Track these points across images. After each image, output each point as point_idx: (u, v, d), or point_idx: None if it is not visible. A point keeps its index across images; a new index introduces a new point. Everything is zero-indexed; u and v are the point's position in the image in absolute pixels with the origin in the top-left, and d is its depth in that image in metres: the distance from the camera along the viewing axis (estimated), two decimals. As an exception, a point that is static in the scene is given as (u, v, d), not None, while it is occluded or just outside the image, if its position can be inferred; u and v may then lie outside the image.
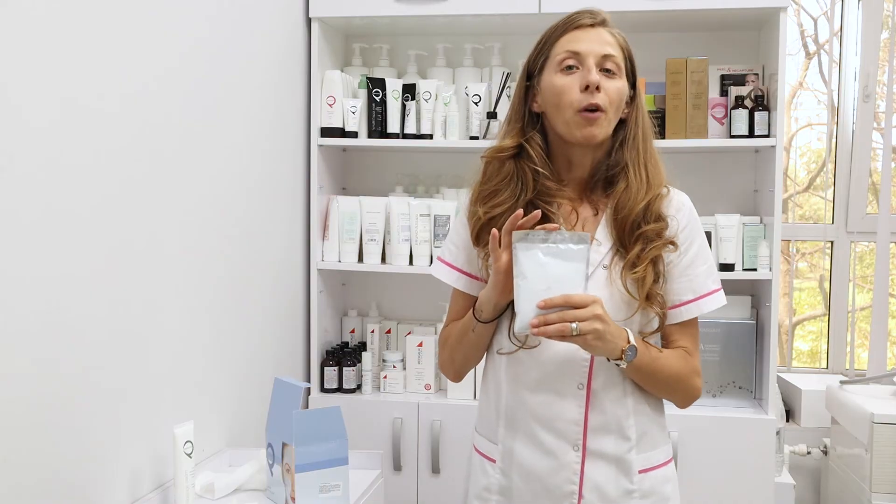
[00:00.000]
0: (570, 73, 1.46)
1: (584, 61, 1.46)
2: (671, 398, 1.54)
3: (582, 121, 1.45)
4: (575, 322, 1.32)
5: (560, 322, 1.32)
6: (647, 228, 1.46)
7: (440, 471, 2.57)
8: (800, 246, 3.30)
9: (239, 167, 2.19)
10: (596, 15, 1.50)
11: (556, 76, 1.47)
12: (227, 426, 2.14)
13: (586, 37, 1.48)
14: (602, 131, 1.47)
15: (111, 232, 1.62)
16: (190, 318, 1.93)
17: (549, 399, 1.47)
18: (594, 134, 1.46)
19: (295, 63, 2.58)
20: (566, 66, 1.47)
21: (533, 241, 1.36)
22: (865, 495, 2.50)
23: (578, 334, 1.32)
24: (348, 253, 2.68)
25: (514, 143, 1.52)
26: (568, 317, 1.32)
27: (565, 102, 1.45)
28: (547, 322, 1.32)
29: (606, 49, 1.47)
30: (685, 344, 1.53)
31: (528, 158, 1.51)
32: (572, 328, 1.32)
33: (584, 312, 1.33)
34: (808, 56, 3.28)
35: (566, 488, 1.47)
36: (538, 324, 1.32)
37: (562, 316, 1.32)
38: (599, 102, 1.44)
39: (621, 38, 1.52)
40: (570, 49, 1.47)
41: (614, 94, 1.46)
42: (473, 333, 1.52)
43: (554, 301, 1.33)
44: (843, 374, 3.06)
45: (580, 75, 1.45)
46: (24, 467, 1.39)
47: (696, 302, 1.52)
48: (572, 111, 1.45)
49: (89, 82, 1.55)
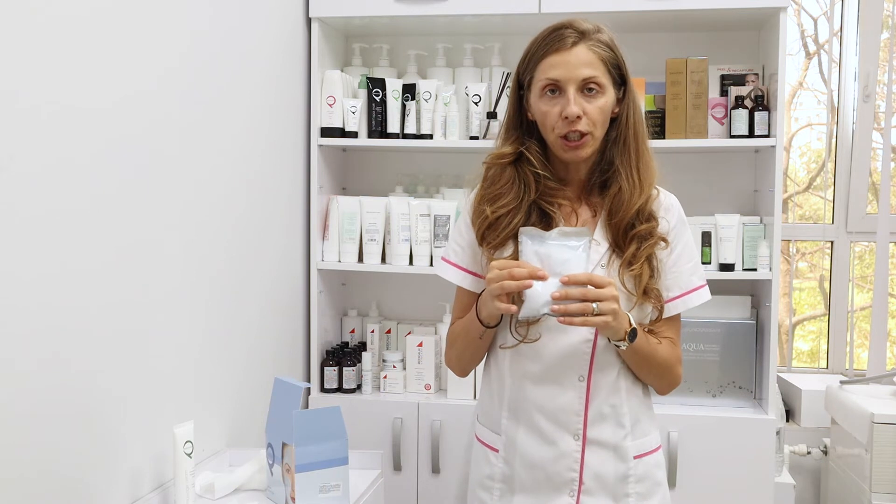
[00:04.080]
0: (552, 98, 1.51)
1: (564, 88, 1.49)
2: (657, 383, 1.61)
3: (565, 146, 1.52)
4: (595, 302, 1.38)
5: (583, 300, 1.38)
6: (640, 228, 1.53)
7: (440, 471, 2.57)
8: (800, 246, 3.30)
9: (239, 167, 2.19)
10: (576, 29, 1.50)
11: (539, 101, 1.53)
12: (227, 426, 2.14)
13: (565, 61, 1.49)
14: (586, 151, 1.53)
15: (111, 232, 1.62)
16: (190, 318, 1.93)
17: (551, 391, 1.54)
18: (578, 155, 1.53)
19: (295, 63, 2.58)
20: (548, 91, 1.51)
21: (537, 234, 1.44)
22: (865, 495, 2.50)
23: (598, 314, 1.38)
24: (348, 253, 2.68)
25: (513, 150, 1.58)
26: (590, 295, 1.38)
27: (548, 127, 1.52)
28: (569, 297, 1.38)
29: (585, 72, 1.49)
30: (670, 335, 1.60)
31: (528, 163, 1.57)
32: (593, 308, 1.38)
33: (605, 292, 1.40)
34: (808, 56, 3.28)
35: (567, 475, 1.54)
36: (560, 297, 1.38)
37: (584, 294, 1.38)
38: (581, 129, 1.49)
39: (605, 49, 1.51)
40: (550, 77, 1.50)
41: (596, 114, 1.50)
42: (481, 340, 1.58)
43: (577, 278, 1.39)
44: (843, 374, 3.06)
45: (561, 104, 1.49)
46: (24, 467, 1.39)
47: (681, 298, 1.60)
48: (555, 136, 1.52)
49: (89, 82, 1.55)
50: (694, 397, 2.56)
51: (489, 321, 1.54)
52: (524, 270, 1.40)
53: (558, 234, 1.44)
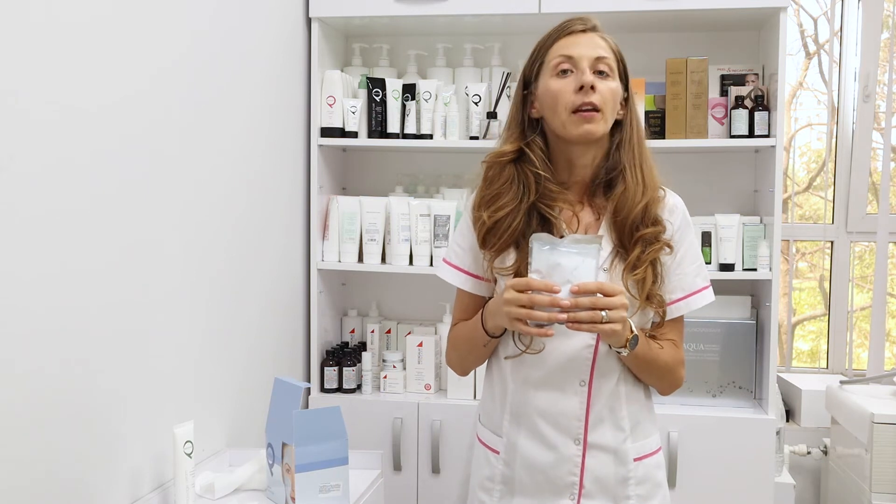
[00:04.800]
0: (565, 77, 1.52)
1: (578, 64, 1.51)
2: (659, 385, 1.60)
3: (578, 119, 1.50)
4: (605, 310, 1.37)
5: (592, 308, 1.37)
6: (645, 232, 1.52)
7: (440, 471, 2.57)
8: (800, 246, 3.30)
9: (239, 167, 2.19)
10: (587, 21, 1.57)
11: (551, 80, 1.53)
12: (227, 426, 2.14)
13: (579, 41, 1.53)
14: (599, 128, 1.51)
15: (111, 232, 1.62)
16: (190, 318, 1.93)
17: (552, 396, 1.54)
18: (591, 130, 1.50)
19: (295, 63, 2.58)
20: (561, 70, 1.52)
21: (548, 241, 1.42)
22: (865, 495, 2.50)
23: (607, 322, 1.37)
24: (348, 253, 2.68)
25: (514, 148, 1.57)
26: (600, 304, 1.37)
27: (561, 104, 1.51)
28: (578, 306, 1.36)
29: (599, 52, 1.53)
30: (673, 337, 1.59)
31: (528, 162, 1.55)
32: (602, 316, 1.37)
33: (615, 301, 1.38)
34: (808, 56, 3.28)
35: (567, 479, 1.54)
36: (570, 307, 1.36)
37: (593, 303, 1.37)
38: (594, 101, 1.49)
39: (612, 43, 1.57)
40: (564, 53, 1.53)
41: (608, 93, 1.51)
42: (485, 348, 1.59)
43: (588, 287, 1.38)
44: (842, 374, 3.06)
45: (574, 78, 1.51)
46: (24, 467, 1.39)
47: (685, 300, 1.59)
48: (568, 112, 1.50)
49: (89, 82, 1.55)
50: (694, 397, 2.56)
51: (495, 332, 1.54)
52: (546, 298, 1.37)
53: (570, 241, 1.42)
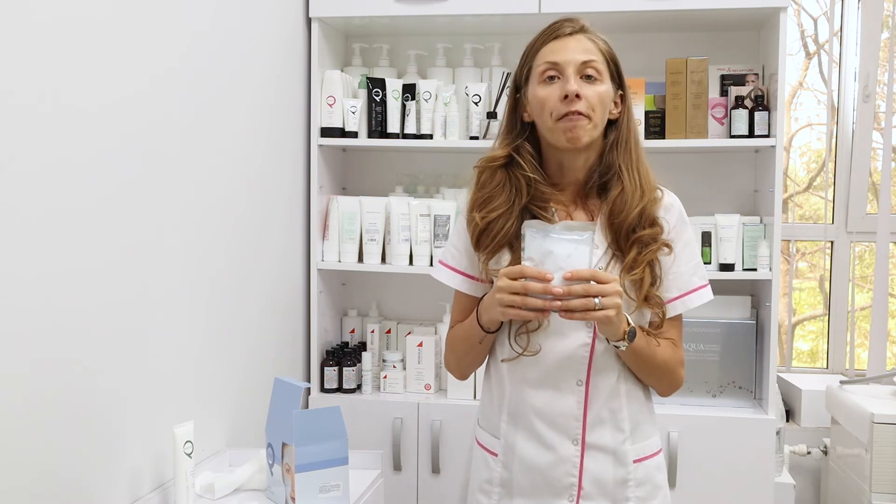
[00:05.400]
0: (551, 84, 1.51)
1: (564, 70, 1.50)
2: (658, 385, 1.60)
3: (564, 127, 1.49)
4: (598, 297, 1.36)
5: (585, 295, 1.36)
6: (642, 233, 1.51)
7: (440, 471, 2.57)
8: (800, 246, 3.30)
9: (239, 167, 2.19)
10: (575, 23, 1.55)
11: (538, 87, 1.52)
12: (227, 426, 2.14)
13: (566, 45, 1.52)
14: (586, 134, 1.50)
15: (111, 232, 1.62)
16: (190, 318, 1.93)
17: (550, 396, 1.53)
18: (576, 137, 1.50)
19: (295, 63, 2.58)
20: (547, 77, 1.52)
21: (540, 228, 1.42)
22: (865, 495, 2.50)
23: (601, 309, 1.36)
24: (348, 253, 2.68)
25: (504, 153, 1.57)
26: (593, 290, 1.36)
27: (547, 112, 1.51)
28: (571, 293, 1.36)
29: (586, 55, 1.51)
30: (672, 336, 1.58)
31: (519, 167, 1.55)
32: (595, 303, 1.36)
33: (608, 287, 1.37)
34: (808, 56, 3.28)
35: (566, 481, 1.53)
36: (563, 294, 1.36)
37: (587, 290, 1.36)
38: (579, 110, 1.48)
39: (602, 43, 1.55)
40: (549, 60, 1.52)
41: (595, 98, 1.50)
42: (481, 345, 1.58)
43: (581, 274, 1.37)
44: (843, 374, 3.06)
45: (560, 85, 1.50)
46: (23, 467, 1.39)
47: (681, 299, 1.58)
48: (553, 120, 1.50)
49: (89, 82, 1.55)
50: (694, 397, 2.56)
51: (490, 326, 1.54)
52: (539, 286, 1.37)
53: (562, 227, 1.42)
